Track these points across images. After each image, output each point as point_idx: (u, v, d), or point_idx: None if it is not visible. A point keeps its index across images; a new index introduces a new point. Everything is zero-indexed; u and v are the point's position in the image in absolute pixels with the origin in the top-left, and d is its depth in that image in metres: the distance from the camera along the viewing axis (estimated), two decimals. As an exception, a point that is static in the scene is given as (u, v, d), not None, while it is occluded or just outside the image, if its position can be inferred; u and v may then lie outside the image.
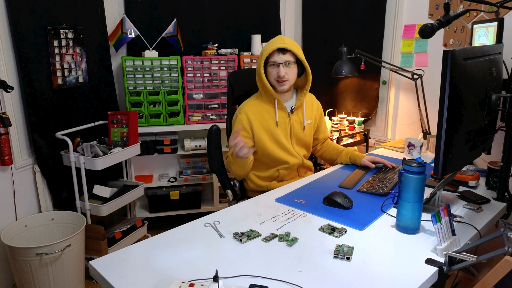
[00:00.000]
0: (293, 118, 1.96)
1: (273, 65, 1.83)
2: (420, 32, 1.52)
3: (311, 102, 2.06)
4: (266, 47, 1.84)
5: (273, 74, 1.84)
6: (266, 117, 1.90)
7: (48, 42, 2.35)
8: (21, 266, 2.06)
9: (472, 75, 1.32)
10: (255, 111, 1.89)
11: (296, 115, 1.97)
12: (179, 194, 2.97)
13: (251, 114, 1.88)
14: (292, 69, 1.84)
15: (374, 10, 2.84)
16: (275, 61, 1.82)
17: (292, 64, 1.83)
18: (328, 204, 1.56)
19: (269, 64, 1.84)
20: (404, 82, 2.76)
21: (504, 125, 1.56)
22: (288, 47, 1.80)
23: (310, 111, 2.03)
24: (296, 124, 1.97)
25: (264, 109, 1.90)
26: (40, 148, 2.35)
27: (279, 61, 1.81)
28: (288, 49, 1.80)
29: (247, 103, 1.94)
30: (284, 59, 1.81)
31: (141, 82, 2.78)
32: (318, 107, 2.09)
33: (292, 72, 1.85)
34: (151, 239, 1.33)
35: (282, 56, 1.81)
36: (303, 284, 1.07)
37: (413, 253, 1.22)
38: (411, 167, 1.29)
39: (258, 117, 1.89)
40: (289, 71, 1.83)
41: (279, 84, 1.85)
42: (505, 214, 1.59)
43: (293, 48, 1.81)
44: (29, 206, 2.39)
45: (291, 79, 1.85)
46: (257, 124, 1.88)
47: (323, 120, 2.14)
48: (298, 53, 1.82)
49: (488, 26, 1.92)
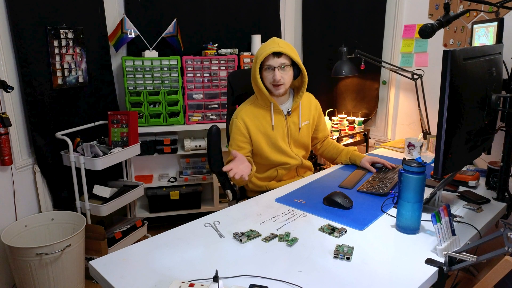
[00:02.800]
0: (290, 120, 1.94)
1: (268, 69, 1.81)
2: (420, 32, 1.52)
3: (309, 102, 2.04)
4: (260, 51, 1.82)
5: (269, 78, 1.82)
6: (262, 121, 1.89)
7: (48, 42, 2.35)
8: (21, 266, 2.06)
9: (472, 75, 1.32)
10: (251, 115, 1.88)
11: (293, 117, 1.96)
12: (179, 194, 2.97)
13: (248, 119, 1.87)
14: (288, 72, 1.83)
15: (374, 10, 2.83)
16: (270, 64, 1.79)
17: (288, 67, 1.82)
18: (328, 204, 1.56)
19: (264, 68, 1.82)
20: (404, 82, 2.76)
21: (504, 125, 1.56)
22: (282, 50, 1.77)
23: (307, 111, 2.01)
24: (294, 126, 1.96)
25: (260, 113, 1.89)
26: (40, 148, 2.35)
27: (274, 64, 1.79)
28: (283, 52, 1.78)
29: (243, 107, 1.93)
30: (279, 62, 1.78)
31: (141, 82, 2.78)
32: (316, 106, 2.08)
33: (287, 75, 1.83)
34: (151, 239, 1.32)
35: (277, 60, 1.78)
36: (303, 284, 1.07)
37: (413, 253, 1.22)
38: (411, 167, 1.29)
39: (255, 122, 1.88)
40: (284, 74, 1.81)
41: (275, 88, 1.84)
42: (505, 214, 1.59)
43: (288, 50, 1.79)
44: (29, 206, 2.39)
45: (287, 82, 1.84)
46: (254, 129, 1.87)
47: (322, 118, 2.12)
48: (293, 55, 1.80)
49: (488, 26, 1.92)
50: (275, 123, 1.90)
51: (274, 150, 1.91)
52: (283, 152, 1.92)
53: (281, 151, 1.92)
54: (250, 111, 1.90)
